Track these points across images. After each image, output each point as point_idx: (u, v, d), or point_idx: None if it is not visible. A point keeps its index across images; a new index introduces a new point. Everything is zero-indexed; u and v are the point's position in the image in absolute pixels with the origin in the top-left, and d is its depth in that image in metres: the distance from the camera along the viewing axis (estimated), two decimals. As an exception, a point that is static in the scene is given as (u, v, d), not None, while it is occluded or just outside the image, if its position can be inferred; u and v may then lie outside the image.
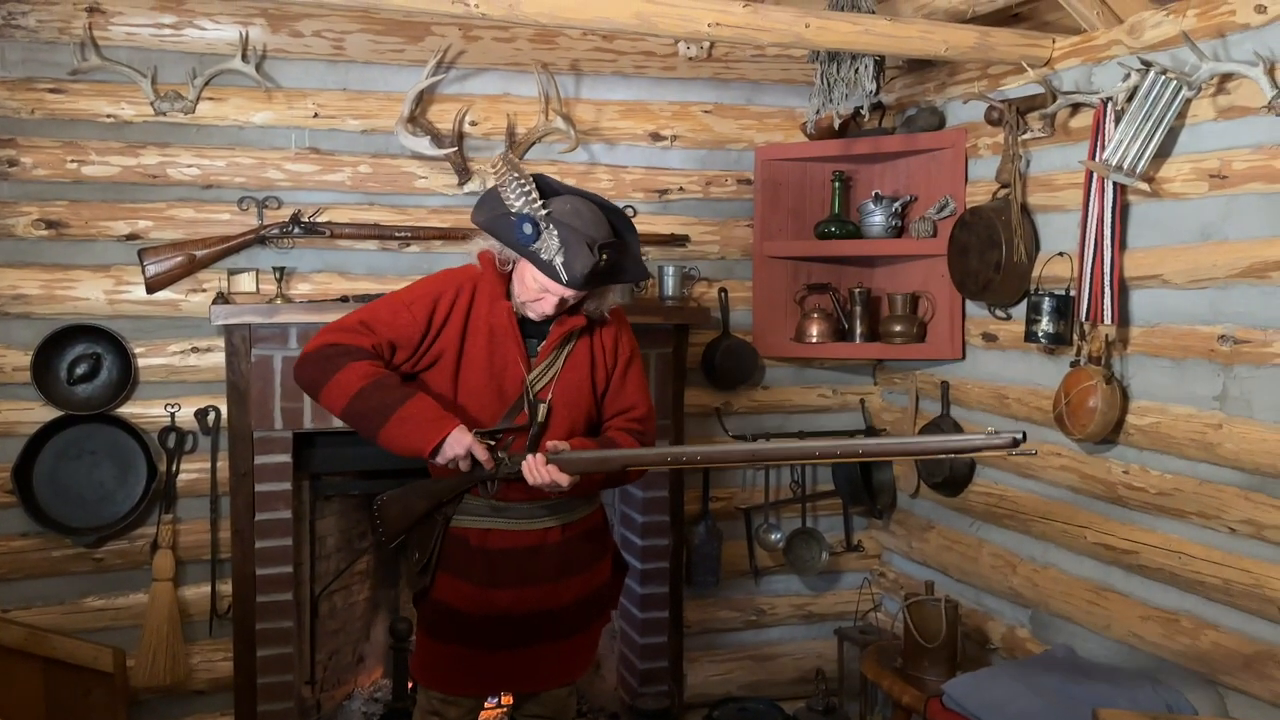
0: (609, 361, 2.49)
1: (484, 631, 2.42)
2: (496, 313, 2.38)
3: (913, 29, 2.96)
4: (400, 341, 2.35)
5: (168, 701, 3.34)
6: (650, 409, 2.56)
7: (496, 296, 2.39)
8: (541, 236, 2.24)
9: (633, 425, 2.51)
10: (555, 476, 2.28)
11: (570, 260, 2.24)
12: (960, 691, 2.82)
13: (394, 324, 2.35)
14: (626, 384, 2.51)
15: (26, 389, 3.17)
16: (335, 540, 3.67)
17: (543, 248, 2.25)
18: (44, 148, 3.19)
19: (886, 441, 2.34)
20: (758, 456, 2.32)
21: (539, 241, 2.25)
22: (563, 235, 2.24)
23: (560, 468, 2.28)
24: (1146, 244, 2.80)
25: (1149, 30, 2.75)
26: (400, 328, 2.35)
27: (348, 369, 2.28)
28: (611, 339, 2.50)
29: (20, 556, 3.21)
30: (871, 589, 4.01)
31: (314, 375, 2.31)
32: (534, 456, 2.30)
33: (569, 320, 2.40)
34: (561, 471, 2.28)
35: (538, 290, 2.32)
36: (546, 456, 2.29)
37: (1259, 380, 2.50)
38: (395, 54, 3.45)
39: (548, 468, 2.28)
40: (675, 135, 3.78)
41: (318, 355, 2.31)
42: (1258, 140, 2.49)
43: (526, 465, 2.30)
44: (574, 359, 2.44)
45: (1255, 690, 2.52)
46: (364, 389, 2.26)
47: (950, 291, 3.50)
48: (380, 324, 2.35)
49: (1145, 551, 2.82)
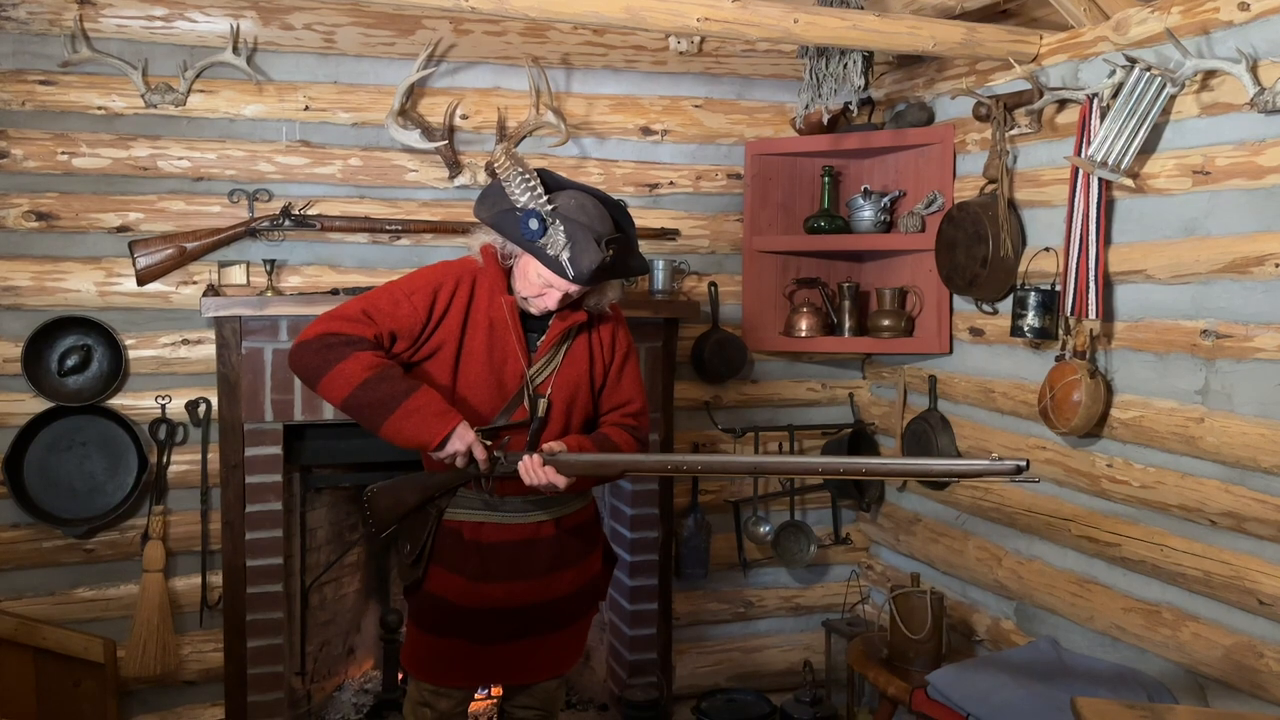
0: (606, 357, 2.49)
1: (475, 624, 2.43)
2: (497, 306, 2.37)
3: (901, 24, 2.98)
4: (400, 332, 2.32)
5: (158, 692, 3.35)
6: (645, 405, 2.56)
7: (498, 290, 2.38)
8: (548, 232, 2.23)
9: (627, 421, 2.51)
10: (552, 478, 2.26)
11: (577, 256, 2.23)
12: (945, 682, 2.84)
13: (395, 314, 2.32)
14: (623, 379, 2.52)
15: (17, 380, 3.18)
16: (326, 532, 3.69)
17: (549, 243, 2.23)
18: (35, 140, 3.19)
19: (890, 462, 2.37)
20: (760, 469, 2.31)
21: (545, 237, 2.23)
22: (569, 231, 2.23)
23: (558, 469, 2.27)
24: (1131, 239, 2.82)
25: (1135, 27, 2.77)
26: (401, 318, 2.32)
27: (352, 359, 2.23)
28: (610, 335, 2.50)
29: (11, 547, 3.22)
30: (859, 581, 4.03)
31: (313, 362, 2.25)
32: (531, 457, 2.27)
33: (571, 316, 2.40)
34: (559, 474, 2.27)
35: (541, 285, 2.31)
36: (544, 457, 2.27)
37: (1240, 374, 2.53)
38: (386, 47, 3.46)
39: (545, 469, 2.26)
40: (666, 130, 3.79)
41: (318, 343, 2.26)
42: (1240, 137, 2.52)
43: (523, 466, 2.27)
44: (573, 354, 2.44)
45: (1235, 680, 2.55)
46: (368, 379, 2.23)
47: (938, 286, 3.52)
48: (381, 314, 2.31)
49: (1128, 544, 2.85)
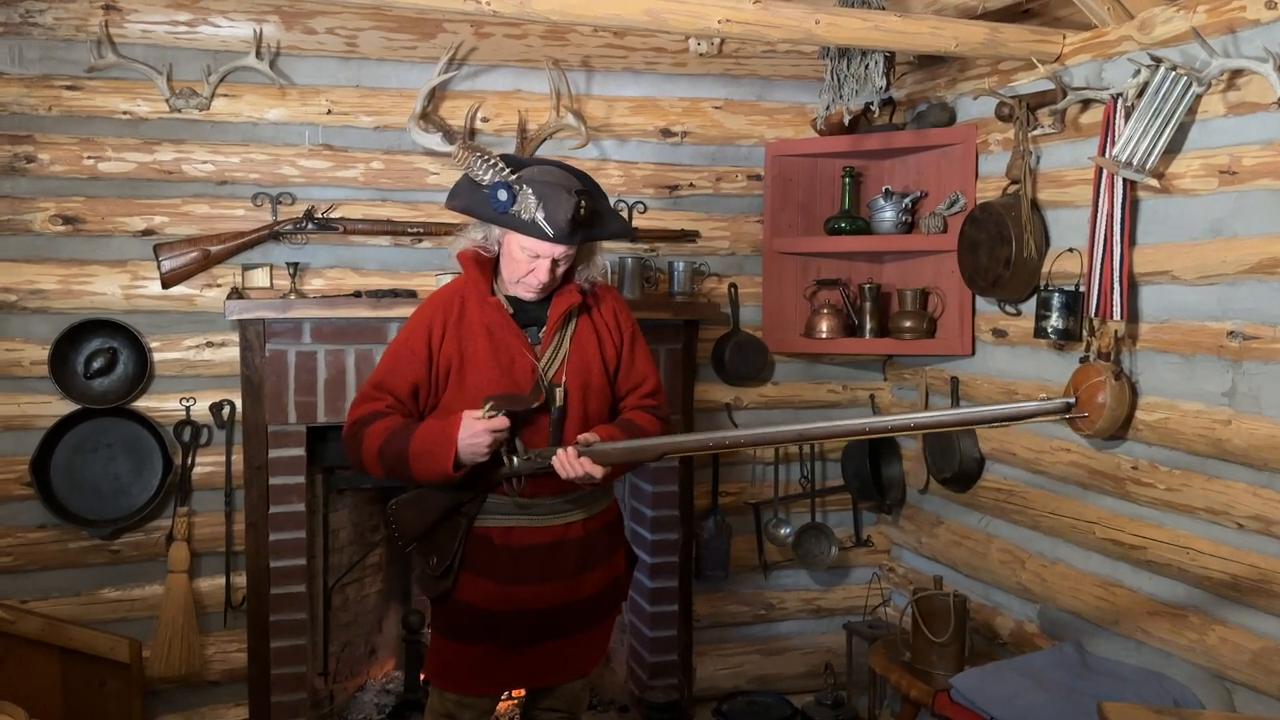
0: (615, 337, 2.50)
1: (505, 628, 2.42)
2: (488, 310, 2.39)
3: (923, 25, 2.97)
4: (418, 381, 2.38)
5: (183, 692, 3.38)
6: (659, 381, 2.58)
7: (484, 295, 2.40)
8: (518, 199, 2.26)
9: (646, 402, 2.52)
10: (590, 469, 2.26)
11: (551, 212, 2.25)
12: (968, 686, 2.83)
13: (403, 371, 2.39)
14: (636, 359, 2.53)
15: (44, 383, 3.20)
16: (348, 533, 3.70)
17: (521, 209, 2.26)
18: (61, 144, 3.22)
19: (939, 414, 2.33)
20: (805, 435, 2.30)
21: (517, 204, 2.27)
22: (538, 191, 2.26)
23: (594, 459, 2.27)
24: (1156, 240, 2.80)
25: (1159, 26, 2.75)
26: (410, 371, 2.38)
27: (367, 438, 2.32)
28: (611, 314, 2.51)
29: (38, 548, 3.25)
30: (880, 584, 4.01)
31: (353, 457, 2.38)
32: (565, 450, 2.27)
33: (565, 298, 2.40)
34: (595, 463, 2.27)
35: (528, 260, 2.33)
36: (578, 449, 2.28)
37: (1268, 376, 2.50)
38: (408, 51, 3.48)
39: (581, 460, 2.27)
40: (686, 131, 3.79)
41: (349, 438, 2.37)
42: (1267, 136, 2.49)
43: (559, 459, 2.27)
44: (579, 339, 2.44)
45: (1262, 685, 2.52)
46: (382, 449, 2.30)
47: (960, 287, 3.50)
48: (391, 377, 2.39)
49: (1153, 547, 2.82)
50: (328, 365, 3.30)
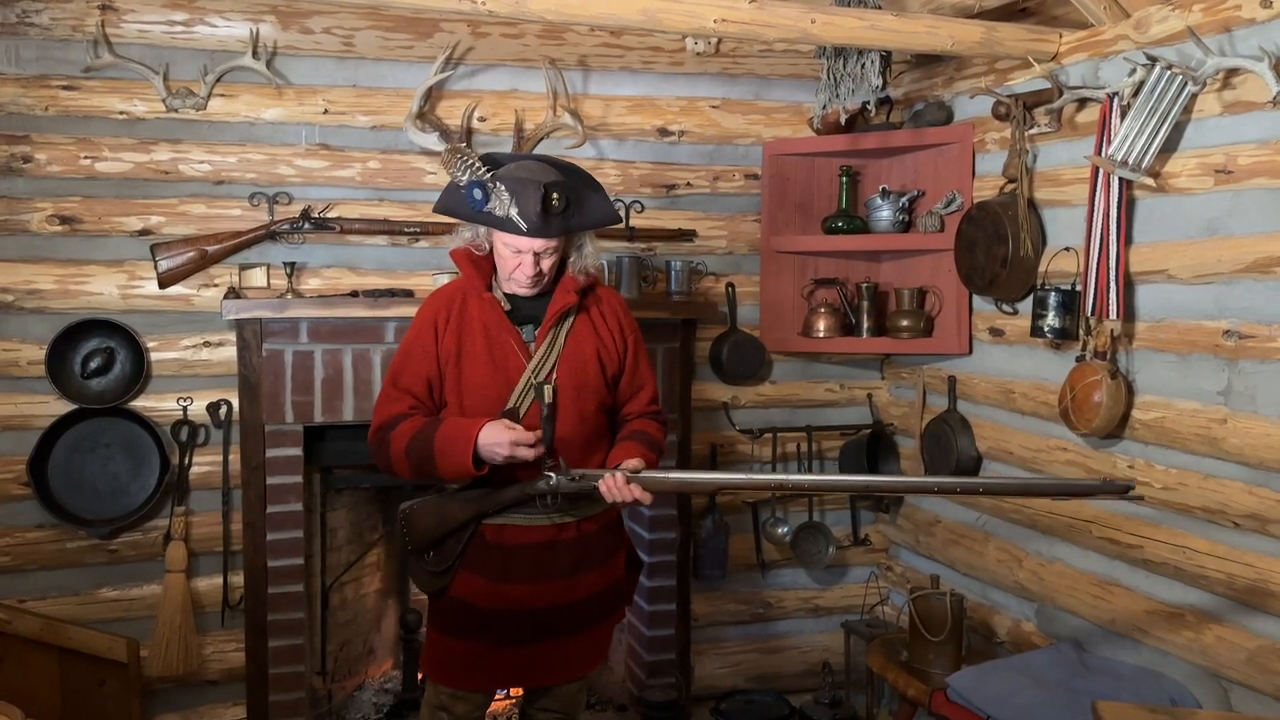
0: (617, 341, 2.51)
1: (497, 626, 2.43)
2: (484, 307, 2.42)
3: (919, 24, 2.97)
4: (430, 376, 2.41)
5: (181, 691, 3.38)
6: (656, 388, 2.62)
7: (480, 292, 2.43)
8: (491, 197, 2.30)
9: (650, 409, 2.56)
10: (639, 495, 2.29)
11: (522, 205, 2.28)
12: (965, 684, 2.83)
13: (415, 368, 2.42)
14: (639, 364, 2.56)
15: (41, 383, 3.20)
16: (346, 533, 3.71)
17: (496, 206, 2.30)
18: (58, 144, 3.22)
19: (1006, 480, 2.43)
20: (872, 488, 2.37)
21: (491, 201, 2.30)
22: (510, 187, 2.29)
23: (644, 487, 2.29)
24: (1152, 239, 2.80)
25: (1155, 25, 2.75)
26: (421, 368, 2.41)
27: (393, 442, 2.35)
28: (612, 314, 2.52)
29: (36, 548, 3.25)
30: (878, 583, 4.02)
31: (381, 462, 2.41)
32: (613, 475, 2.29)
33: (562, 297, 2.42)
34: (645, 490, 2.29)
35: (513, 255, 2.36)
36: (627, 475, 2.29)
37: (1264, 375, 2.50)
38: (404, 50, 3.48)
39: (630, 486, 2.28)
40: (683, 130, 3.79)
41: (375, 444, 2.40)
42: (1263, 135, 2.49)
43: (606, 484, 2.29)
44: (575, 337, 2.45)
45: (1259, 684, 2.52)
46: (409, 449, 2.33)
47: (957, 286, 3.50)
48: (405, 376, 2.42)
49: (1150, 546, 2.82)
50: (325, 365, 3.30)
